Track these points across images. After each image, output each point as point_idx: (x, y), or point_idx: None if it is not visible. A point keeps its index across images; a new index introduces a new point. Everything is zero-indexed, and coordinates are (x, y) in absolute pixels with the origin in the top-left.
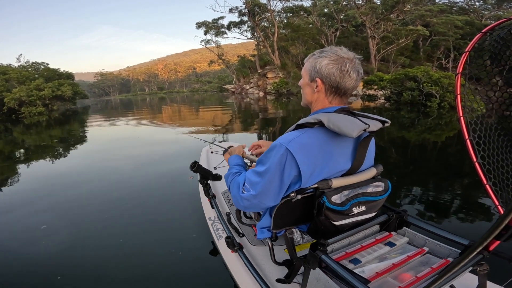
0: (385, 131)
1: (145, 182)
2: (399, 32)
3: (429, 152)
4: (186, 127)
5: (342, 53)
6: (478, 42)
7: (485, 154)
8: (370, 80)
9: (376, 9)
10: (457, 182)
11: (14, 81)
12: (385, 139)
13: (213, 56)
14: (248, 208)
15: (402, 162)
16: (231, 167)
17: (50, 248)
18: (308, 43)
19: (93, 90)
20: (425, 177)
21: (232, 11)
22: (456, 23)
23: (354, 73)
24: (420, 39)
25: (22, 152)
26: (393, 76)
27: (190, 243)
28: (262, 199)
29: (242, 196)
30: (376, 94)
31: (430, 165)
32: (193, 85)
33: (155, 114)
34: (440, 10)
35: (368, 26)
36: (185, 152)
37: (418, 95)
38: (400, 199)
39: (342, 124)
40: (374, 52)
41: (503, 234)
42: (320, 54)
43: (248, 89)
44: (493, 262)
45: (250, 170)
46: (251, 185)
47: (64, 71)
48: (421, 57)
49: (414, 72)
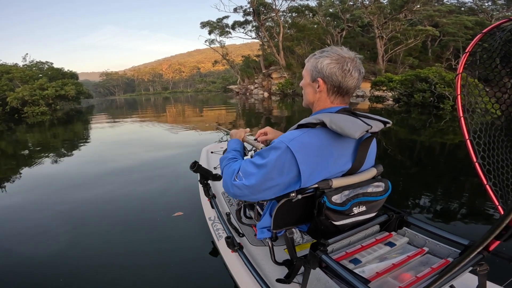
0: (392, 133)
1: (145, 182)
2: (408, 32)
3: (439, 155)
4: (190, 124)
5: (343, 53)
6: (478, 42)
7: (485, 155)
8: (379, 81)
9: (385, 9)
10: (457, 182)
11: (17, 80)
12: (393, 141)
13: (217, 56)
14: (237, 196)
15: (408, 163)
16: (228, 151)
17: (50, 248)
18: (314, 43)
19: (98, 89)
20: (429, 178)
21: (236, 10)
22: (466, 23)
23: (355, 72)
24: (429, 39)
25: (22, 152)
26: (403, 77)
27: (190, 243)
28: (254, 191)
29: (234, 184)
30: (385, 95)
31: (439, 167)
32: (197, 85)
33: (159, 113)
34: (449, 11)
35: (376, 26)
36: (185, 152)
37: (430, 97)
38: (401, 199)
39: (345, 125)
40: (382, 53)
41: (503, 234)
42: (321, 54)
43: (252, 89)
44: (493, 262)
45: (247, 159)
46: (245, 175)
47: (68, 71)
48: (429, 58)
49: (425, 73)
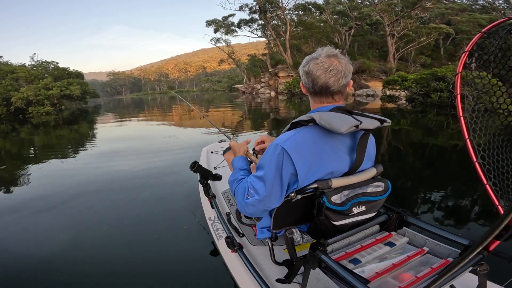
0: (403, 133)
1: (145, 183)
2: (420, 30)
3: (445, 155)
4: (194, 123)
5: (315, 54)
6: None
7: (485, 154)
8: (392, 80)
9: (396, 6)
10: (457, 182)
11: (22, 80)
12: (404, 141)
13: (223, 55)
14: (254, 213)
15: (411, 163)
16: (235, 172)
17: (50, 248)
18: (322, 42)
19: (105, 89)
20: (429, 178)
21: (242, 8)
22: (480, 21)
23: (318, 71)
24: (441, 37)
25: (22, 153)
26: (418, 76)
27: (190, 243)
28: (267, 203)
29: (248, 202)
30: (398, 94)
31: (443, 167)
32: (203, 84)
33: (165, 113)
34: (461, 9)
35: (386, 24)
36: (186, 153)
37: (448, 97)
38: (401, 199)
39: (333, 121)
40: (393, 51)
41: (503, 234)
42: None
43: (259, 88)
44: (493, 262)
45: (251, 175)
46: (254, 191)
47: (74, 70)
48: (442, 56)
49: (443, 71)
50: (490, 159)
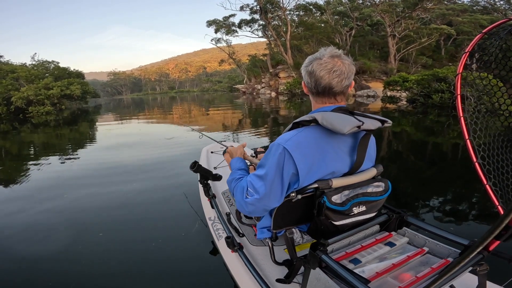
0: (403, 134)
1: (145, 183)
2: (421, 30)
3: (445, 155)
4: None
5: (316, 54)
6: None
7: (485, 155)
8: (393, 80)
9: (397, 7)
10: (457, 182)
11: (22, 79)
12: (404, 142)
13: (224, 55)
14: (253, 212)
15: (412, 164)
16: (233, 172)
17: (50, 248)
18: (323, 42)
19: (106, 89)
20: (429, 178)
21: (243, 8)
22: (481, 22)
23: (322, 71)
24: (442, 38)
25: (22, 153)
26: (419, 77)
27: (190, 242)
28: (266, 202)
29: (247, 201)
30: (399, 95)
31: (443, 167)
32: (203, 84)
33: (166, 113)
34: (462, 10)
35: (387, 25)
36: (186, 153)
37: (449, 98)
38: (401, 199)
39: (335, 121)
40: (394, 52)
41: (503, 234)
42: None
43: (259, 89)
44: (493, 262)
45: (251, 174)
46: (254, 190)
47: (74, 70)
48: (443, 57)
49: (444, 72)
50: (490, 159)
